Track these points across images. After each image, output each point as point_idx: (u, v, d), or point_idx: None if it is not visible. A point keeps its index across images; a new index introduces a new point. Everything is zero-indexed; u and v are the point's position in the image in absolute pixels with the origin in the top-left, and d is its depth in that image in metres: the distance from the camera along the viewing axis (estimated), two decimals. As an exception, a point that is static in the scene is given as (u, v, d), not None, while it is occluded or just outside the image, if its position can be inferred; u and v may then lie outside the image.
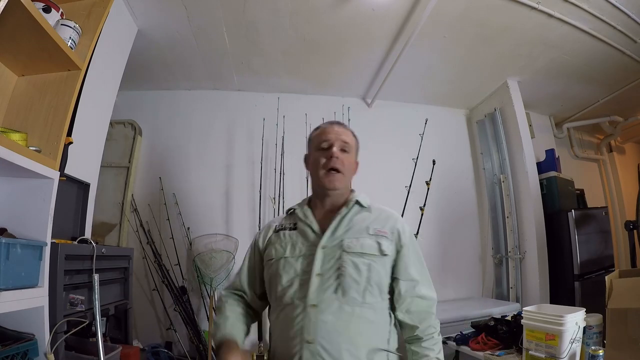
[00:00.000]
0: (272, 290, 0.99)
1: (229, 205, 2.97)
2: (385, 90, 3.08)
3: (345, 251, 0.95)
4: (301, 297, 0.91)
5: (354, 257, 0.94)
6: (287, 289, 0.94)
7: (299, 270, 0.95)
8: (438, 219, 3.14)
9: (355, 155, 1.11)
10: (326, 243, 0.97)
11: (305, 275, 0.93)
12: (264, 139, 2.95)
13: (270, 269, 1.00)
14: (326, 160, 1.02)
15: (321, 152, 1.05)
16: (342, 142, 1.05)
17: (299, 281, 0.93)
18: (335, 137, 1.04)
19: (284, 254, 0.99)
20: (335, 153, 1.02)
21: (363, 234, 0.99)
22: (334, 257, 0.94)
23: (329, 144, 1.04)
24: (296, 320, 0.89)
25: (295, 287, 0.93)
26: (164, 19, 2.23)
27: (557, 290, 2.73)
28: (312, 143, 1.11)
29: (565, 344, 1.34)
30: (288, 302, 0.93)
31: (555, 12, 2.20)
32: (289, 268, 0.96)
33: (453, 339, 1.90)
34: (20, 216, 1.15)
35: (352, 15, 2.22)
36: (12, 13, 0.99)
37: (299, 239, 1.01)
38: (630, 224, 2.23)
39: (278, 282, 0.96)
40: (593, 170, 4.19)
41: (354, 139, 1.11)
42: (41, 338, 1.12)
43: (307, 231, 1.02)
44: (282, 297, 0.94)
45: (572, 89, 3.26)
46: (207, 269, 2.59)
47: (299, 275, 0.94)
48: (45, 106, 1.27)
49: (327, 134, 1.06)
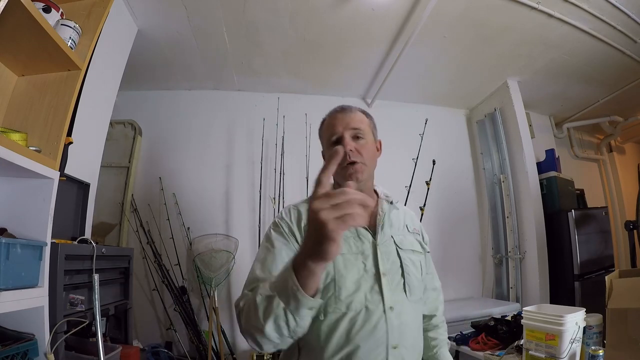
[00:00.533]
0: (326, 293, 0.81)
1: (229, 205, 2.97)
2: (385, 90, 3.08)
3: (400, 248, 0.91)
4: (376, 301, 0.81)
5: (409, 254, 0.92)
6: (355, 293, 0.81)
7: (361, 270, 0.84)
8: (438, 219, 3.14)
9: (373, 136, 0.99)
10: (381, 239, 0.89)
11: (370, 276, 0.84)
12: (264, 139, 2.95)
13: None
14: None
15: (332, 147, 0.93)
16: (353, 130, 0.93)
17: (367, 282, 0.83)
18: (343, 127, 0.93)
19: (341, 250, 0.81)
20: (348, 145, 0.90)
21: (404, 231, 0.98)
22: (392, 254, 0.89)
23: (337, 136, 0.93)
24: (378, 325, 0.79)
25: (365, 290, 0.82)
26: (164, 19, 2.23)
27: (557, 290, 2.73)
28: (322, 139, 1.01)
29: (565, 344, 1.34)
30: (358, 308, 0.80)
31: (555, 12, 2.20)
32: (352, 267, 0.83)
33: (453, 339, 1.90)
34: (20, 216, 1.15)
35: (352, 15, 2.22)
36: (12, 13, 0.99)
37: (347, 233, 0.88)
38: (630, 224, 2.23)
39: (341, 284, 0.81)
40: (593, 170, 4.19)
41: (366, 119, 0.99)
42: (41, 338, 1.12)
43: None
44: (349, 303, 0.80)
45: (572, 89, 3.26)
46: (207, 269, 2.59)
47: (363, 275, 0.83)
48: (45, 106, 1.27)
49: (334, 126, 0.95)
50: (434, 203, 2.81)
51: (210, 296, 2.52)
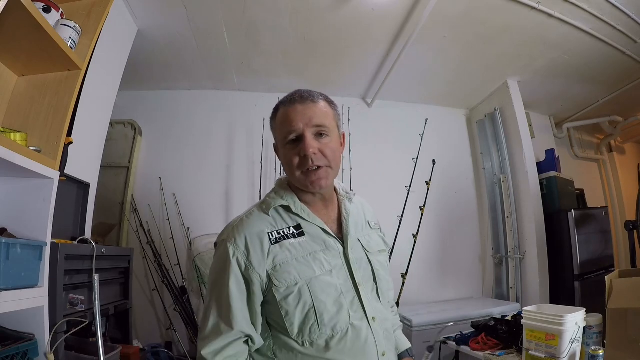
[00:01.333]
0: (307, 322, 0.75)
1: (229, 205, 2.97)
2: (385, 90, 3.08)
3: (368, 252, 0.86)
4: (359, 316, 0.78)
5: (377, 256, 0.88)
6: (338, 314, 0.76)
7: (339, 288, 0.77)
8: (438, 219, 3.14)
9: (337, 130, 0.85)
10: (350, 246, 0.82)
11: (348, 292, 0.79)
12: (264, 139, 2.95)
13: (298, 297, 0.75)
14: (300, 160, 0.77)
15: (291, 147, 0.79)
16: (315, 127, 0.78)
17: (347, 298, 0.78)
18: (305, 122, 0.77)
19: (315, 273, 0.76)
20: (310, 148, 0.76)
21: (367, 229, 0.92)
22: (362, 261, 0.84)
23: (297, 134, 0.78)
24: (368, 339, 0.77)
25: (347, 307, 0.77)
26: (164, 19, 2.23)
27: (557, 290, 2.73)
28: (276, 131, 0.84)
29: (565, 344, 1.34)
30: (344, 327, 0.76)
31: (555, 12, 2.20)
32: (329, 288, 0.76)
33: (453, 339, 1.90)
34: (20, 216, 1.15)
35: (352, 15, 2.22)
36: (12, 13, 0.99)
37: (316, 246, 0.80)
38: (630, 224, 2.23)
39: (322, 309, 0.74)
40: (593, 170, 4.19)
41: (331, 110, 0.83)
42: (41, 338, 1.12)
43: (321, 235, 0.81)
44: (334, 325, 0.75)
45: (572, 89, 3.26)
46: (207, 269, 2.59)
47: (342, 293, 0.77)
48: (45, 106, 1.27)
49: (293, 121, 0.78)
50: (434, 203, 2.81)
51: (210, 296, 2.52)
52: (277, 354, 0.78)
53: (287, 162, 0.81)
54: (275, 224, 0.81)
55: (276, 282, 0.75)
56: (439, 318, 2.33)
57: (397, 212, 2.45)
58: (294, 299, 0.75)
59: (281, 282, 0.75)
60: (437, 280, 3.11)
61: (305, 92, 0.82)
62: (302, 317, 0.75)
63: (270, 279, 0.76)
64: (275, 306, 0.76)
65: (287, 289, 0.75)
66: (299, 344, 0.75)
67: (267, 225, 0.80)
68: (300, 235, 0.80)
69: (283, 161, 0.83)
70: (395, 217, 2.43)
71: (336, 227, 0.86)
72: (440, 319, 2.31)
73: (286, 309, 0.75)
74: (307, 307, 0.75)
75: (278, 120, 0.83)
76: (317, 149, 0.77)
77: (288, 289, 0.75)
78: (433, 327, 2.27)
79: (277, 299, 0.75)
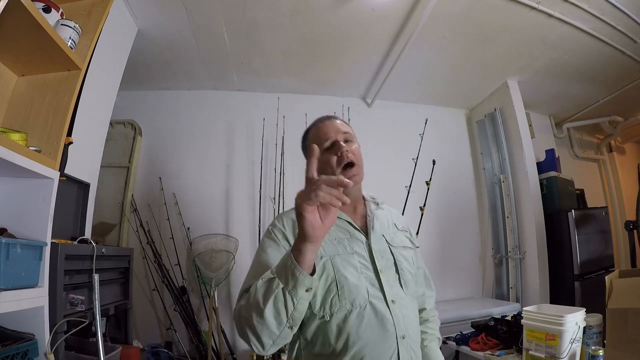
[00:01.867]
0: (328, 295, 0.83)
1: (229, 205, 2.97)
2: (385, 90, 3.08)
3: (392, 245, 0.95)
4: (378, 296, 0.84)
5: (401, 250, 0.96)
6: (357, 289, 0.83)
7: (360, 268, 0.86)
8: (438, 219, 3.14)
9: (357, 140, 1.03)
10: (373, 239, 0.92)
11: (369, 274, 0.87)
12: (264, 139, 2.95)
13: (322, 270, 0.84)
14: (337, 158, 0.93)
15: (327, 153, 0.95)
16: (343, 134, 0.97)
17: (367, 279, 0.85)
18: (335, 132, 0.96)
19: (337, 252, 0.87)
20: (343, 147, 0.93)
21: (394, 229, 1.01)
22: (385, 252, 0.92)
23: (332, 141, 0.95)
24: (385, 317, 0.82)
25: (366, 286, 0.84)
26: (164, 19, 2.23)
27: (557, 290, 2.73)
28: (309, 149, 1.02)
29: (565, 344, 1.34)
30: (362, 303, 0.82)
31: (555, 12, 2.20)
32: (350, 266, 0.86)
33: (453, 339, 1.90)
34: (20, 216, 1.15)
35: (352, 15, 2.22)
36: (12, 13, 0.99)
37: (340, 234, 0.91)
38: (630, 224, 2.23)
39: (343, 282, 0.83)
40: (593, 170, 4.19)
41: (349, 127, 1.04)
42: (41, 338, 1.12)
43: (348, 227, 0.93)
44: (353, 299, 0.82)
45: (572, 89, 3.26)
46: (207, 269, 2.59)
47: (362, 272, 0.86)
48: (45, 106, 1.27)
49: (326, 133, 0.97)
50: (434, 203, 2.81)
51: (210, 296, 2.52)
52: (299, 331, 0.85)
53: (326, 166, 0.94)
54: None
55: None
56: (439, 318, 2.33)
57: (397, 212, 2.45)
58: (318, 271, 0.81)
59: None
60: (437, 280, 3.05)
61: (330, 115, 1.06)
62: (324, 289, 0.83)
63: None
64: None
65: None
66: (321, 318, 0.82)
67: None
68: None
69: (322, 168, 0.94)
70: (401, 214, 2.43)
71: (362, 224, 0.97)
72: (440, 319, 2.30)
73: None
74: (330, 279, 0.83)
75: (311, 138, 1.01)
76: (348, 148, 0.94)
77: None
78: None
79: None
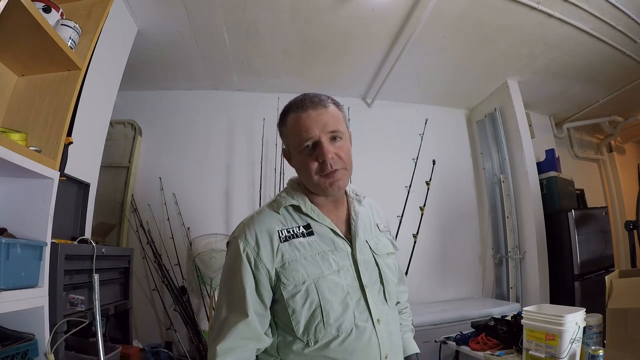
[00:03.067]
0: (313, 321, 0.75)
1: (229, 205, 2.97)
2: (385, 90, 3.08)
3: (376, 254, 0.87)
4: (364, 317, 0.78)
5: (385, 259, 0.88)
6: (344, 314, 0.76)
7: (346, 288, 0.78)
8: (438, 219, 3.14)
9: (347, 131, 0.85)
10: (358, 248, 0.83)
11: (354, 293, 0.79)
12: (264, 139, 2.95)
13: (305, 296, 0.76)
14: (319, 165, 0.79)
15: (307, 154, 0.80)
16: (330, 133, 0.79)
17: (353, 299, 0.78)
18: (320, 129, 0.78)
19: (322, 272, 0.77)
20: (329, 153, 0.78)
21: (375, 231, 0.92)
22: (370, 263, 0.84)
23: (314, 140, 0.79)
24: (371, 341, 0.77)
25: (352, 308, 0.77)
26: (164, 19, 2.23)
27: (557, 290, 2.73)
28: (288, 139, 0.84)
29: (565, 344, 1.34)
30: (348, 328, 0.76)
31: (555, 12, 2.20)
32: (335, 288, 0.77)
33: (453, 339, 1.90)
34: (20, 216, 1.15)
35: (352, 15, 2.22)
36: (12, 13, 0.99)
37: (325, 246, 0.80)
38: (630, 224, 2.23)
39: (329, 308, 0.75)
40: (593, 170, 4.19)
41: (339, 112, 0.84)
42: (41, 338, 1.12)
43: (331, 236, 0.82)
44: (339, 325, 0.76)
45: (572, 89, 3.26)
46: (207, 269, 2.59)
47: (348, 293, 0.78)
48: (45, 106, 1.27)
49: (308, 129, 0.78)
50: (434, 203, 2.81)
51: (210, 296, 2.52)
52: (280, 354, 0.79)
53: (304, 168, 0.81)
54: (285, 222, 0.82)
55: (284, 280, 0.76)
56: (439, 318, 2.33)
57: (397, 212, 2.45)
58: (301, 297, 0.75)
59: (289, 280, 0.76)
60: (437, 280, 3.11)
61: (315, 96, 0.83)
62: (308, 315, 0.75)
63: (279, 277, 0.77)
64: (282, 304, 0.77)
65: (295, 287, 0.76)
66: (304, 343, 0.76)
67: (277, 223, 0.81)
68: (309, 235, 0.81)
69: (299, 167, 0.84)
70: (395, 217, 2.43)
71: (345, 228, 0.87)
72: (440, 319, 2.31)
73: (293, 307, 0.76)
74: (314, 305, 0.75)
75: (289, 126, 0.83)
76: (333, 153, 0.79)
77: (296, 287, 0.76)
78: (433, 327, 2.27)
79: (285, 297, 0.76)
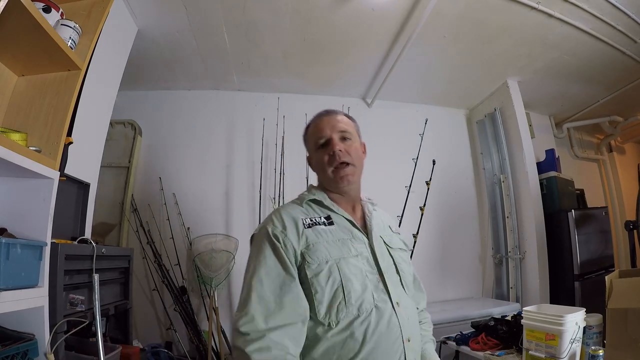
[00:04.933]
0: (335, 301, 0.79)
1: (229, 205, 2.97)
2: (385, 90, 3.08)
3: (390, 247, 0.95)
4: (383, 299, 0.83)
5: (398, 252, 0.96)
6: (363, 294, 0.81)
7: (365, 271, 0.85)
8: (438, 219, 3.14)
9: (358, 137, 1.02)
10: (373, 240, 0.92)
11: (373, 276, 0.85)
12: (264, 139, 2.95)
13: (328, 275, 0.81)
14: (329, 157, 0.93)
15: (322, 150, 0.95)
16: (340, 132, 0.96)
17: (372, 282, 0.84)
18: (331, 129, 0.95)
19: (343, 255, 0.84)
20: (337, 145, 0.92)
21: (389, 231, 1.02)
22: (385, 254, 0.92)
23: (326, 138, 0.95)
24: (391, 321, 0.81)
25: (371, 289, 0.82)
26: (164, 19, 2.23)
27: (557, 290, 2.73)
28: (308, 143, 1.02)
29: (565, 344, 1.34)
30: (368, 308, 0.80)
31: (555, 12, 2.20)
32: (355, 270, 0.83)
33: (453, 339, 1.90)
34: (20, 216, 1.15)
35: (352, 15, 2.22)
36: (12, 13, 0.99)
37: (344, 235, 0.89)
38: (630, 224, 2.23)
39: (350, 287, 0.80)
40: (593, 170, 4.20)
41: (351, 122, 1.02)
42: (41, 338, 1.12)
43: (349, 226, 0.92)
44: (359, 305, 0.80)
45: (572, 89, 3.26)
46: (207, 269, 2.59)
47: (367, 276, 0.84)
48: (45, 106, 1.27)
49: (321, 130, 0.96)
50: (434, 203, 2.81)
51: (210, 296, 2.52)
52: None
53: (319, 163, 0.96)
54: (308, 213, 0.92)
55: (308, 259, 0.82)
56: (439, 318, 2.33)
57: (397, 212, 2.45)
58: (324, 276, 0.81)
59: (313, 259, 0.82)
60: (437, 280, 3.11)
61: (330, 109, 1.03)
62: (331, 295, 0.80)
63: (304, 257, 0.83)
64: (306, 284, 0.81)
65: (319, 265, 0.81)
66: (325, 325, 0.79)
67: (301, 213, 0.91)
68: (330, 224, 0.90)
69: (316, 164, 0.98)
70: (395, 217, 2.43)
71: (361, 224, 0.96)
72: (440, 319, 2.31)
73: (316, 286, 0.80)
74: (336, 284, 0.80)
75: (310, 132, 1.01)
76: (342, 147, 0.93)
77: (319, 266, 0.81)
78: (433, 327, 2.26)
79: (309, 276, 0.81)
